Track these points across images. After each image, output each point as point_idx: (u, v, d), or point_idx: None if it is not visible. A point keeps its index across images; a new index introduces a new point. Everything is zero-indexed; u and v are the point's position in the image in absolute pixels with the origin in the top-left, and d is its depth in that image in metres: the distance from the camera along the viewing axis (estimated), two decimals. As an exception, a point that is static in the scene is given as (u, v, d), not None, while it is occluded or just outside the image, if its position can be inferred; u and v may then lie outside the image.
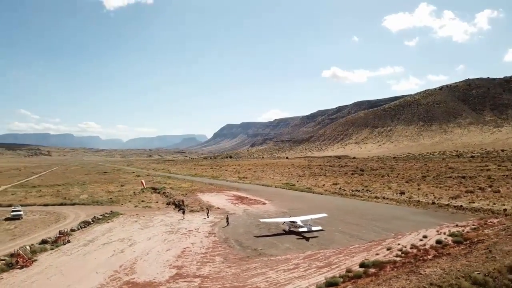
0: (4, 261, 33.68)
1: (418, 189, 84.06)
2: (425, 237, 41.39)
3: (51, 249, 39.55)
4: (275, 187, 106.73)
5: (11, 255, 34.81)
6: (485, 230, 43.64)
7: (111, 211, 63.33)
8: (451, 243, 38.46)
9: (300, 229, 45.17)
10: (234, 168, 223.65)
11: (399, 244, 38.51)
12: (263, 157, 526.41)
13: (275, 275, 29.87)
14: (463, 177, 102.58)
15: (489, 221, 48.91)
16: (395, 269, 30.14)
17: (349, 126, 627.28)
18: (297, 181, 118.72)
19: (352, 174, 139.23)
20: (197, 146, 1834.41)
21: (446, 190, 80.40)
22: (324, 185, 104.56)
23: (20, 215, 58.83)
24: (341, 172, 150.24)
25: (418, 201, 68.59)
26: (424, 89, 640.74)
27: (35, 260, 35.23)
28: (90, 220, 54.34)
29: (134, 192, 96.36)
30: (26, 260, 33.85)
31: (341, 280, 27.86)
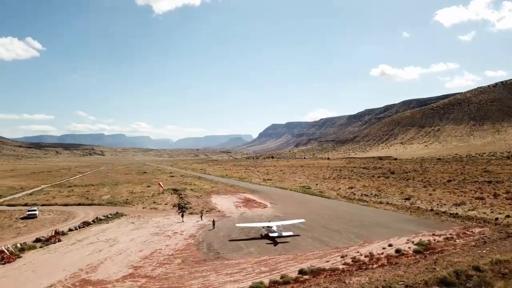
0: (-11, 256, 38.26)
1: (430, 194, 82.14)
2: (390, 245, 41.73)
3: (40, 247, 44.16)
4: (290, 190, 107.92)
5: (2, 253, 39.35)
6: (457, 240, 43.26)
7: (116, 212, 68.13)
8: (411, 252, 38.81)
9: (271, 234, 46.89)
10: (266, 169, 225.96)
11: (358, 252, 39.35)
12: (304, 158, 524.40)
13: (213, 278, 32.09)
14: (489, 182, 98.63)
15: (470, 230, 48.09)
16: (328, 277, 31.38)
17: (395, 126, 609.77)
18: (316, 184, 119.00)
19: (378, 177, 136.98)
20: (243, 146, 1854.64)
21: (458, 196, 78.12)
22: (339, 188, 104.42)
23: (35, 214, 64.83)
24: (369, 174, 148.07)
25: (418, 207, 67.61)
26: (476, 86, 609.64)
27: (20, 257, 39.71)
28: (91, 221, 59.13)
29: (153, 194, 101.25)
30: (9, 257, 38.29)
31: (267, 285, 29.59)
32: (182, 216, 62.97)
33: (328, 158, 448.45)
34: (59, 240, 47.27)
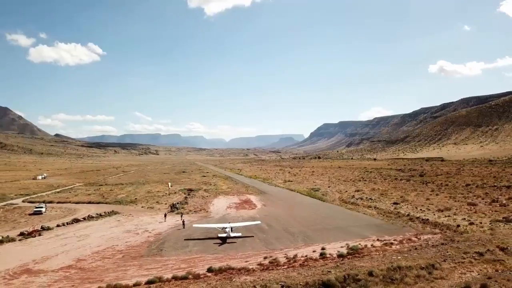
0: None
1: (427, 199, 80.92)
2: (323, 249, 43.40)
3: (20, 240, 50.75)
4: (298, 192, 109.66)
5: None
6: (393, 246, 44.02)
7: (112, 210, 74.55)
8: (335, 255, 40.49)
9: (219, 235, 50.23)
10: (299, 170, 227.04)
11: (285, 254, 41.56)
12: (351, 158, 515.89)
13: (131, 272, 36.19)
14: (508, 187, 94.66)
15: (419, 236, 48.37)
16: (226, 275, 34.25)
17: (449, 125, 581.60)
18: (328, 187, 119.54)
19: (400, 179, 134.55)
20: (294, 146, 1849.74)
21: (455, 201, 76.56)
22: (346, 191, 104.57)
23: (41, 211, 72.66)
24: (393, 177, 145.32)
25: (398, 212, 67.43)
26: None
27: (-5, 247, 46.22)
28: (81, 218, 65.58)
29: (167, 193, 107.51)
30: (-17, 247, 44.91)
31: (164, 280, 33.08)
32: (165, 216, 67.45)
33: (375, 159, 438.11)
34: (40, 235, 53.74)
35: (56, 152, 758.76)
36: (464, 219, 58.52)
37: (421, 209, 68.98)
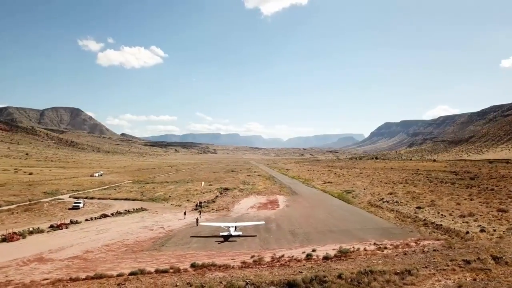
0: (1, 237, 51.21)
1: (458, 203, 77.80)
2: (313, 250, 44.38)
3: (47, 232, 56.66)
4: (329, 193, 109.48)
5: (8, 234, 52.28)
6: (386, 251, 43.84)
7: (141, 207, 79.93)
8: (320, 257, 41.32)
9: (221, 233, 52.70)
10: (346, 172, 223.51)
11: (274, 254, 43.18)
12: (410, 159, 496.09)
13: (124, 264, 39.66)
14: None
15: (419, 242, 47.49)
16: (205, 271, 36.59)
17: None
18: (364, 189, 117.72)
19: (445, 183, 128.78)
20: (353, 146, 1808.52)
21: (487, 207, 73.06)
22: (379, 194, 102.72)
23: (78, 206, 79.62)
24: (438, 180, 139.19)
25: (416, 217, 65.78)
26: None
27: (24, 238, 52.22)
28: (109, 214, 71.14)
29: (200, 192, 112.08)
30: (12, 237, 50.90)
31: (146, 272, 36.05)
32: (185, 214, 71.14)
33: (434, 160, 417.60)
34: (66, 228, 59.51)
35: (121, 150, 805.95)
36: (480, 226, 56.09)
37: (442, 215, 66.68)
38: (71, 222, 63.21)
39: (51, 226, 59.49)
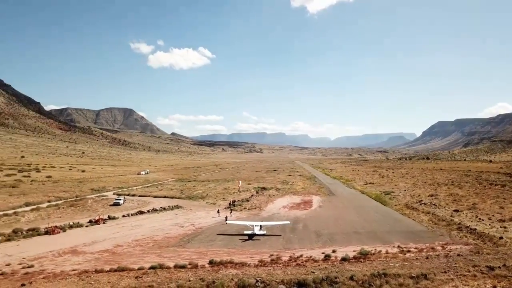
0: (44, 230, 55.41)
1: (501, 207, 73.95)
2: (334, 251, 44.33)
3: (86, 226, 60.49)
4: (368, 194, 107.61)
5: (50, 227, 56.44)
6: (407, 254, 42.91)
7: (176, 204, 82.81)
8: (338, 259, 41.20)
9: (246, 232, 53.70)
10: (392, 172, 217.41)
11: (293, 254, 43.59)
12: (464, 160, 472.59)
13: (148, 259, 41.71)
14: None
15: (447, 246, 45.94)
16: (221, 268, 37.77)
17: None
18: (405, 190, 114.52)
19: (495, 185, 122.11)
20: (404, 145, 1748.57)
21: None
22: (419, 195, 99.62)
23: (119, 203, 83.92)
24: (494, 182, 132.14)
25: (451, 220, 63.34)
26: None
27: (64, 231, 56.17)
28: (146, 210, 74.48)
29: (238, 191, 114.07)
30: (53, 230, 54.90)
31: (165, 266, 37.81)
32: (218, 212, 72.92)
33: (490, 161, 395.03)
34: (103, 223, 63.15)
35: (170, 149, 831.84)
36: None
37: (480, 218, 63.71)
38: (109, 217, 66.92)
39: (90, 221, 63.36)
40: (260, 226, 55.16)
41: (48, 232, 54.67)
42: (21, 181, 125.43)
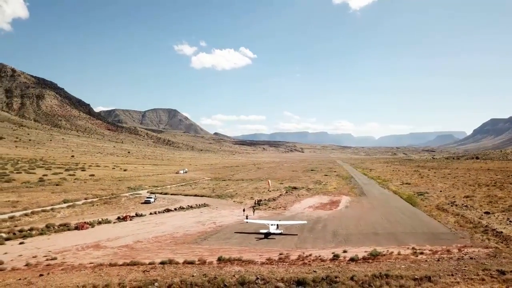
0: (74, 225, 59.07)
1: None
2: (344, 251, 44.21)
3: (114, 222, 63.71)
4: (400, 195, 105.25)
5: (79, 223, 60.06)
6: (419, 256, 42.11)
7: (204, 203, 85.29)
8: (347, 259, 41.26)
9: (261, 231, 54.52)
10: (433, 173, 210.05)
11: (303, 253, 43.93)
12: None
13: (162, 254, 43.60)
14: None
15: (464, 249, 44.54)
16: (227, 264, 38.90)
17: None
18: (440, 191, 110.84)
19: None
20: (452, 144, 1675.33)
21: None
22: (453, 197, 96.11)
23: (149, 201, 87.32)
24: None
25: (479, 222, 60.92)
26: None
27: (93, 227, 59.58)
28: (173, 208, 77.16)
29: (269, 190, 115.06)
30: (82, 226, 58.40)
31: (175, 262, 39.45)
32: (244, 210, 74.24)
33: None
34: (130, 220, 66.23)
35: (212, 149, 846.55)
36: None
37: (511, 221, 60.86)
38: (136, 215, 70.03)
39: (118, 218, 66.66)
40: (277, 225, 55.80)
41: (78, 227, 58.21)
42: (65, 179, 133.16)
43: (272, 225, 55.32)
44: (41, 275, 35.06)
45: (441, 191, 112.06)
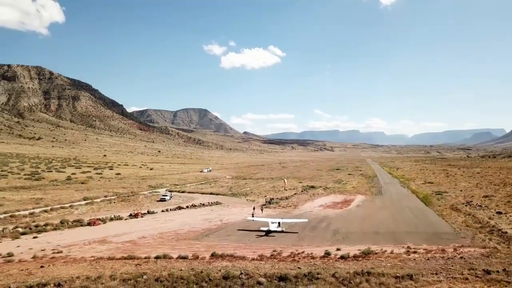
0: (87, 221, 62.24)
1: None
2: (338, 249, 44.83)
3: (125, 219, 66.53)
4: (417, 194, 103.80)
5: (92, 219, 63.17)
6: (411, 255, 42.22)
7: (216, 201, 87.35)
8: (337, 256, 41.97)
9: (262, 228, 55.76)
10: (462, 172, 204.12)
11: (297, 250, 44.89)
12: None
13: (161, 250, 45.51)
14: None
15: (460, 249, 44.20)
16: (216, 260, 40.42)
17: None
18: (461, 190, 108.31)
19: None
20: (490, 142, 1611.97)
21: None
22: (472, 196, 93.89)
23: (165, 199, 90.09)
24: None
25: (487, 222, 59.61)
26: None
27: (104, 223, 62.57)
28: (185, 206, 79.49)
29: (285, 189, 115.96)
30: (95, 222, 61.44)
31: (169, 257, 41.29)
32: (254, 208, 75.48)
33: None
34: (141, 217, 68.91)
35: (241, 148, 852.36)
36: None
37: (525, 222, 59.43)
38: (148, 212, 72.74)
39: (130, 215, 69.49)
40: (279, 223, 56.85)
41: (90, 223, 61.32)
42: (91, 178, 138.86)
43: (273, 222, 56.46)
44: (42, 266, 37.72)
45: (461, 190, 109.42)
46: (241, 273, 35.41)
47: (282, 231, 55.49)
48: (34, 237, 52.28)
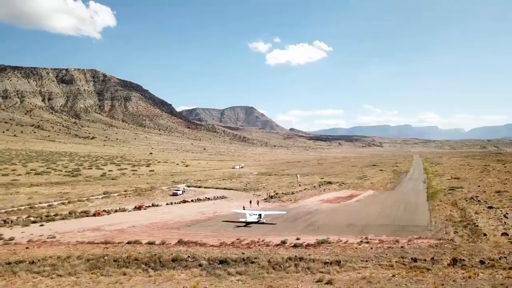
0: (92, 213, 69.14)
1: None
2: (298, 239, 47.56)
3: (129, 211, 72.77)
4: (429, 189, 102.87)
5: (96, 211, 69.94)
6: (362, 245, 44.26)
7: (223, 195, 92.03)
8: (312, 243, 44.80)
9: (241, 219, 59.66)
10: (504, 167, 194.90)
11: (270, 240, 47.85)
12: None
13: (139, 237, 50.85)
14: None
15: (414, 240, 45.59)
16: (182, 246, 44.87)
17: None
18: (478, 186, 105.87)
19: None
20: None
21: None
22: (484, 192, 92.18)
23: (177, 193, 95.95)
24: None
25: (470, 217, 59.74)
26: None
27: (109, 214, 69.16)
28: (190, 200, 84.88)
29: (298, 184, 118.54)
30: (99, 213, 68.16)
31: (140, 243, 46.33)
32: (257, 202, 79.05)
33: None
34: (144, 209, 74.85)
35: (286, 144, 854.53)
36: (518, 230, 48.91)
37: (506, 216, 58.85)
38: (152, 205, 78.71)
39: (134, 207, 75.75)
40: (259, 215, 60.45)
41: (95, 214, 68.08)
42: (124, 174, 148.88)
43: (251, 214, 60.21)
44: (27, 248, 44.12)
45: (479, 186, 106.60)
46: (188, 256, 39.64)
47: (262, 223, 58.98)
48: (41, 225, 59.17)
